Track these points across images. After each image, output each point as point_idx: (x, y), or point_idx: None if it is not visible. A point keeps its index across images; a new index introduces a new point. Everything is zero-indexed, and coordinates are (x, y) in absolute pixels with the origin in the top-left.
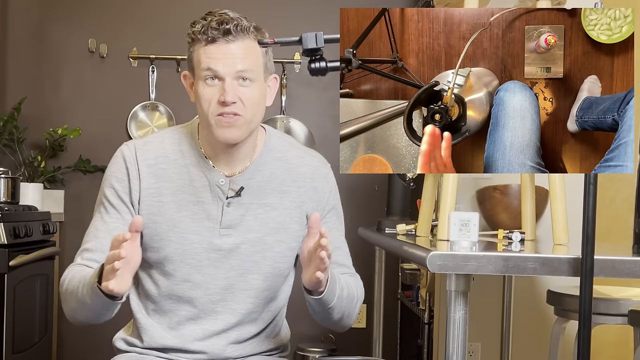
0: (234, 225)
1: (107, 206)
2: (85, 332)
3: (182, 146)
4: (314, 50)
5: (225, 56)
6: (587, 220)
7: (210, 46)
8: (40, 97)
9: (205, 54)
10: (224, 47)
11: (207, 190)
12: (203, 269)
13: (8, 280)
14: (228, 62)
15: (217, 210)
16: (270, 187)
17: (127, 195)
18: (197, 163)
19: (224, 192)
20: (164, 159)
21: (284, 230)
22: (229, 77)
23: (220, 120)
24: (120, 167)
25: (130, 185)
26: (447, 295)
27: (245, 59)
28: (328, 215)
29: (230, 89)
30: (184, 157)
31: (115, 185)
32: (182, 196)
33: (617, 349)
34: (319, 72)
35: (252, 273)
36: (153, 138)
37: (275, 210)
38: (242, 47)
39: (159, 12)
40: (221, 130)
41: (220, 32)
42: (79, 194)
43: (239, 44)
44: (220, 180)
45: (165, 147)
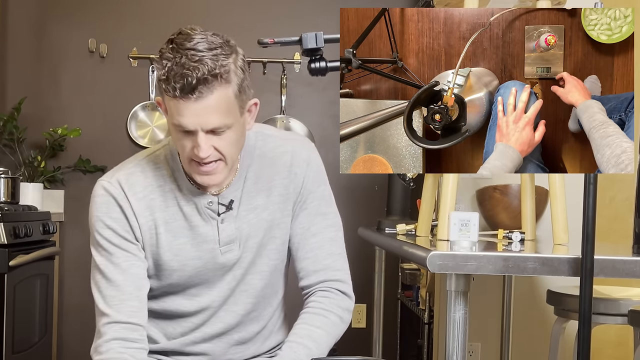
0: (232, 240)
1: (110, 249)
2: (85, 332)
3: (162, 171)
4: (314, 50)
5: (195, 115)
6: (587, 220)
7: (179, 102)
8: (40, 97)
9: (175, 109)
10: (193, 106)
11: (196, 213)
12: (211, 285)
13: (8, 280)
14: (199, 120)
15: (212, 230)
16: (256, 188)
17: (130, 234)
18: (180, 188)
19: (214, 211)
20: (151, 189)
21: (277, 227)
22: (202, 132)
23: (196, 168)
24: (112, 206)
25: (130, 223)
26: (447, 295)
27: (217, 114)
28: (309, 200)
29: (203, 144)
30: (167, 183)
31: (113, 225)
32: (175, 224)
33: (617, 349)
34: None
35: (250, 274)
36: (132, 168)
37: (265, 210)
38: (213, 102)
39: (159, 12)
40: (200, 177)
41: (186, 89)
42: (79, 194)
43: (209, 100)
44: (208, 201)
45: (148, 176)
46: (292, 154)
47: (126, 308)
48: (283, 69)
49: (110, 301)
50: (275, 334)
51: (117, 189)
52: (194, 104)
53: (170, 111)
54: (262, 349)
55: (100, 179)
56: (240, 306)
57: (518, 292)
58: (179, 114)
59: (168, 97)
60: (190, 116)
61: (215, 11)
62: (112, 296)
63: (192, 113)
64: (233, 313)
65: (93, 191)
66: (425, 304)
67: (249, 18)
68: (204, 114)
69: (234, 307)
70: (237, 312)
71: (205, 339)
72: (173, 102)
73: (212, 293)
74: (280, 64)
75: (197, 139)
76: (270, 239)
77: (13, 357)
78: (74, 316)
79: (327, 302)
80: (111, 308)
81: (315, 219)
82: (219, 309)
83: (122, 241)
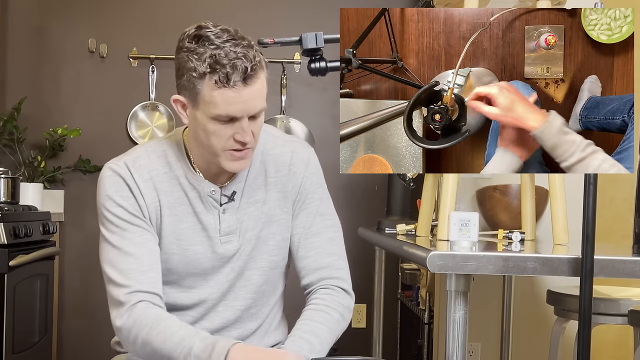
0: (232, 231)
1: (123, 225)
2: (85, 332)
3: (168, 158)
4: (314, 50)
5: (244, 101)
6: (587, 220)
7: (228, 91)
8: (40, 97)
9: (222, 99)
10: (243, 92)
11: (199, 201)
12: (207, 276)
13: (8, 280)
14: (247, 107)
15: (213, 219)
16: (257, 183)
17: (140, 212)
18: (185, 175)
19: (216, 200)
20: (156, 172)
21: (276, 222)
22: (246, 117)
23: (233, 155)
24: (121, 185)
25: (138, 202)
26: (447, 295)
27: (260, 98)
28: (308, 200)
29: (247, 129)
30: (172, 170)
31: (123, 203)
32: (180, 208)
33: (617, 349)
34: (319, 72)
35: (249, 269)
36: (139, 153)
37: (265, 205)
38: (258, 87)
39: (159, 12)
40: (232, 163)
41: (239, 76)
42: (79, 194)
43: (256, 86)
44: (211, 190)
45: (154, 161)
46: (292, 154)
47: (147, 279)
48: (283, 69)
49: (128, 274)
50: (273, 332)
51: (125, 170)
52: (244, 91)
53: (214, 102)
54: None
55: (107, 163)
56: (240, 301)
57: (518, 292)
58: (228, 102)
59: (214, 87)
60: (238, 103)
61: (215, 11)
62: (130, 269)
63: (241, 100)
64: (233, 308)
65: (100, 174)
66: (425, 304)
67: (249, 18)
68: (251, 100)
69: (233, 302)
70: (237, 308)
71: None
72: (220, 92)
73: (208, 285)
74: (280, 64)
75: (242, 124)
76: (269, 234)
77: (13, 357)
78: (74, 316)
79: (329, 299)
80: (131, 280)
81: (315, 219)
82: (218, 303)
83: (133, 218)
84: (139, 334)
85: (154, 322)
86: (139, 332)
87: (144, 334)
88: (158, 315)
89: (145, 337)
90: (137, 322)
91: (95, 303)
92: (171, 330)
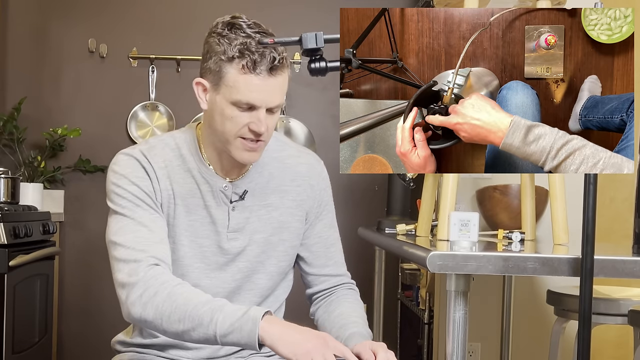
0: (240, 229)
1: (136, 201)
2: (85, 332)
3: (182, 151)
4: (313, 50)
5: (266, 91)
6: (587, 220)
7: (253, 77)
8: (40, 97)
9: (246, 84)
10: (267, 82)
11: (211, 195)
12: (211, 272)
13: (8, 280)
14: (268, 97)
15: (223, 214)
16: (270, 187)
17: (153, 195)
18: (198, 169)
19: (227, 197)
20: (170, 163)
21: (287, 230)
22: (264, 108)
23: (244, 144)
24: (137, 167)
25: (153, 185)
26: (447, 295)
27: (280, 93)
28: (324, 212)
29: (264, 120)
30: (185, 163)
31: (139, 182)
32: (191, 200)
33: (617, 349)
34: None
35: (257, 273)
36: (155, 142)
37: (277, 210)
38: (282, 81)
39: (159, 12)
40: (243, 153)
41: (265, 65)
42: (79, 194)
43: (279, 79)
44: (224, 185)
45: (168, 153)
46: (308, 167)
47: (160, 250)
48: None
49: (141, 242)
50: None
51: (140, 155)
52: (267, 81)
53: (237, 87)
54: None
55: (120, 152)
56: (246, 304)
57: (518, 292)
58: (250, 89)
59: (240, 72)
60: (260, 92)
61: (215, 11)
62: (144, 238)
63: (263, 89)
64: None
65: (113, 161)
66: (425, 304)
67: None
68: (273, 92)
69: (239, 305)
70: None
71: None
72: (245, 78)
73: (214, 284)
74: None
75: (259, 114)
76: (280, 240)
77: (13, 357)
78: (74, 316)
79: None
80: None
81: (329, 231)
82: None
83: (146, 197)
84: (159, 290)
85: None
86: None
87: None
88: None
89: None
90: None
91: (95, 303)
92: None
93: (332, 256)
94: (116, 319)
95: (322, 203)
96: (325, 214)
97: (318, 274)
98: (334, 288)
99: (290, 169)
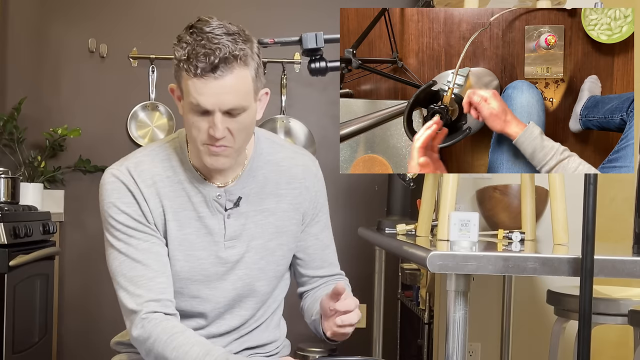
0: (237, 236)
1: (128, 232)
2: (85, 332)
3: (172, 162)
4: (314, 50)
5: (214, 94)
6: (587, 220)
7: (197, 81)
8: (40, 97)
9: (194, 88)
10: (213, 84)
11: (204, 205)
12: (211, 283)
13: (8, 280)
14: (217, 100)
15: (218, 223)
16: (265, 191)
17: (144, 218)
18: (189, 179)
19: (221, 205)
20: (159, 178)
21: (284, 234)
22: (219, 112)
23: (209, 149)
24: (123, 192)
25: (142, 208)
26: (447, 295)
27: (235, 94)
28: (320, 214)
29: (219, 124)
30: (176, 174)
31: (127, 209)
32: (183, 213)
33: (617, 349)
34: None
35: (258, 280)
36: (142, 157)
37: (273, 215)
38: (232, 82)
39: (159, 12)
40: (209, 158)
41: (207, 67)
42: (79, 194)
43: (229, 79)
44: (216, 194)
45: (157, 166)
46: (303, 168)
47: (156, 285)
48: (283, 69)
49: (138, 281)
50: (273, 330)
51: (127, 176)
52: (214, 83)
53: (189, 91)
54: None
55: (109, 168)
56: (248, 311)
57: (518, 292)
58: (199, 93)
59: (187, 77)
60: (209, 95)
61: (215, 11)
62: (139, 276)
63: (212, 92)
64: (239, 317)
65: (102, 179)
66: (425, 304)
67: (249, 18)
68: (223, 93)
69: (240, 312)
70: (244, 316)
71: (208, 337)
72: (192, 82)
73: (214, 294)
74: (280, 64)
75: (214, 119)
76: (278, 245)
77: (13, 357)
78: (74, 316)
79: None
80: (141, 288)
81: (324, 232)
82: (225, 312)
83: (137, 224)
84: (153, 347)
85: (168, 338)
86: (153, 346)
87: (160, 349)
88: (172, 331)
89: (160, 351)
90: (151, 336)
91: (95, 303)
92: (184, 348)
93: (327, 258)
94: (116, 319)
95: (318, 205)
96: (321, 215)
97: (313, 275)
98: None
99: (286, 172)
